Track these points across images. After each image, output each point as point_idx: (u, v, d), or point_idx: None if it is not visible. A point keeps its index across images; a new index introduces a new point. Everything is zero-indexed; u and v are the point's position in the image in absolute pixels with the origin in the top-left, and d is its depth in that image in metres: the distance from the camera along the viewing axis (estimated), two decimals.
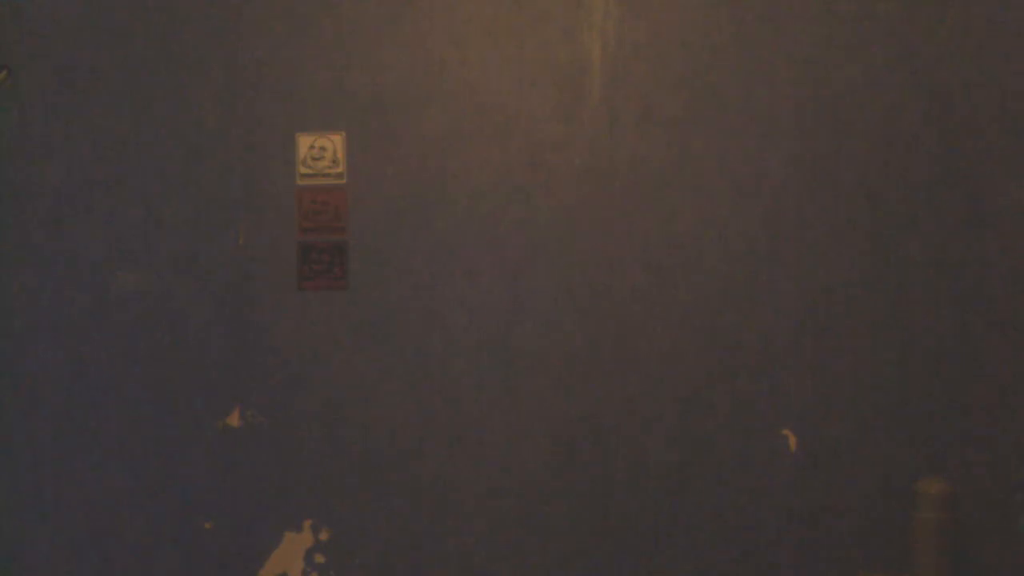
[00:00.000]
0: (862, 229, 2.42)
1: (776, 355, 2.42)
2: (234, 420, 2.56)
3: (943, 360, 2.40)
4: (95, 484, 2.57)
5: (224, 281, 2.56)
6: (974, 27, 2.39)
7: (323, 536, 2.54)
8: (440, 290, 2.51)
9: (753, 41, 2.45)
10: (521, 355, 2.49)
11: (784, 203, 2.44)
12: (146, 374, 2.57)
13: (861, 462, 2.41)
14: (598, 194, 2.47)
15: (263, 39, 2.55)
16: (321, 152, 2.53)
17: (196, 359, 2.56)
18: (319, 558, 2.54)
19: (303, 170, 2.54)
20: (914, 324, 2.41)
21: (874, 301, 2.42)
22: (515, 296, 2.49)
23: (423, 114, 2.52)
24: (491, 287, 2.50)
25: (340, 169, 2.53)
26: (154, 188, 2.57)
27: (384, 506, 2.53)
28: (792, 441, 2.42)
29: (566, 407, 2.48)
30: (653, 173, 2.46)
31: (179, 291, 2.56)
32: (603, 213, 2.46)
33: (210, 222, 2.56)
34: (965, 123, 2.40)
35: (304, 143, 2.54)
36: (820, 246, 2.43)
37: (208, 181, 2.56)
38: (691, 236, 2.45)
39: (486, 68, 2.50)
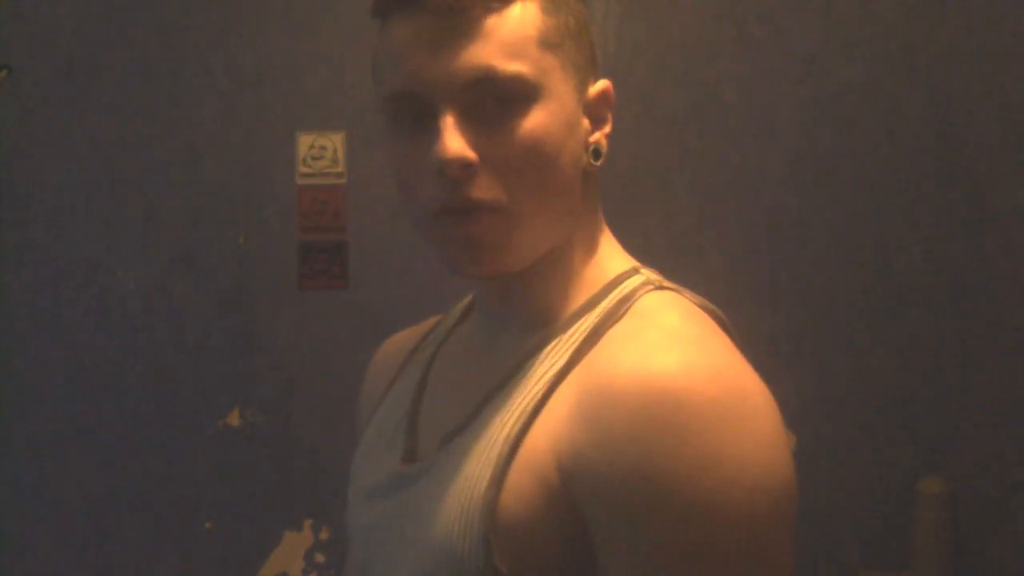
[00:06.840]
0: (862, 229, 2.42)
1: (776, 355, 2.42)
2: (234, 420, 2.56)
3: (943, 360, 2.40)
4: (95, 484, 2.57)
5: (224, 281, 2.56)
6: (974, 27, 2.39)
7: (323, 536, 2.54)
8: (440, 290, 2.51)
9: (753, 41, 2.45)
10: None
11: (784, 203, 2.44)
12: (146, 374, 2.56)
13: (861, 462, 2.41)
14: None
15: (263, 39, 2.55)
16: (321, 152, 2.53)
17: (196, 359, 2.56)
18: (319, 558, 2.54)
19: (303, 170, 2.54)
20: (914, 324, 2.41)
21: (874, 301, 2.42)
22: None
23: None
24: None
25: (340, 169, 2.53)
26: (154, 188, 2.56)
27: None
28: (792, 441, 2.42)
29: None
30: (653, 173, 2.46)
31: (179, 291, 2.56)
32: (603, 213, 2.46)
33: (210, 222, 2.56)
34: (965, 123, 2.40)
35: (304, 143, 2.54)
36: (820, 246, 2.43)
37: (208, 181, 2.55)
38: (691, 236, 2.45)
39: None
